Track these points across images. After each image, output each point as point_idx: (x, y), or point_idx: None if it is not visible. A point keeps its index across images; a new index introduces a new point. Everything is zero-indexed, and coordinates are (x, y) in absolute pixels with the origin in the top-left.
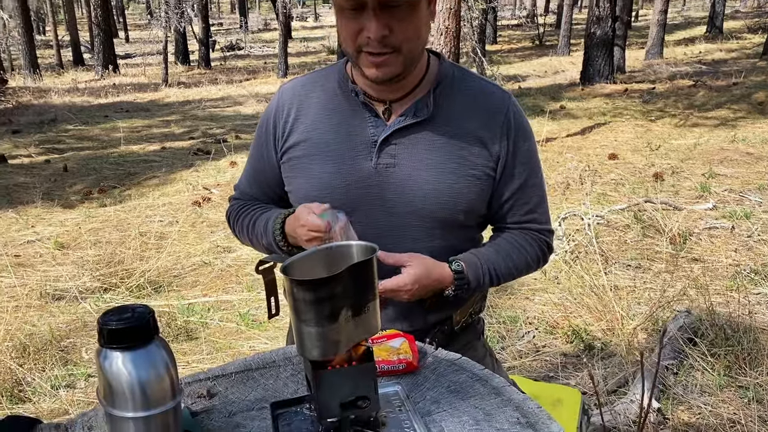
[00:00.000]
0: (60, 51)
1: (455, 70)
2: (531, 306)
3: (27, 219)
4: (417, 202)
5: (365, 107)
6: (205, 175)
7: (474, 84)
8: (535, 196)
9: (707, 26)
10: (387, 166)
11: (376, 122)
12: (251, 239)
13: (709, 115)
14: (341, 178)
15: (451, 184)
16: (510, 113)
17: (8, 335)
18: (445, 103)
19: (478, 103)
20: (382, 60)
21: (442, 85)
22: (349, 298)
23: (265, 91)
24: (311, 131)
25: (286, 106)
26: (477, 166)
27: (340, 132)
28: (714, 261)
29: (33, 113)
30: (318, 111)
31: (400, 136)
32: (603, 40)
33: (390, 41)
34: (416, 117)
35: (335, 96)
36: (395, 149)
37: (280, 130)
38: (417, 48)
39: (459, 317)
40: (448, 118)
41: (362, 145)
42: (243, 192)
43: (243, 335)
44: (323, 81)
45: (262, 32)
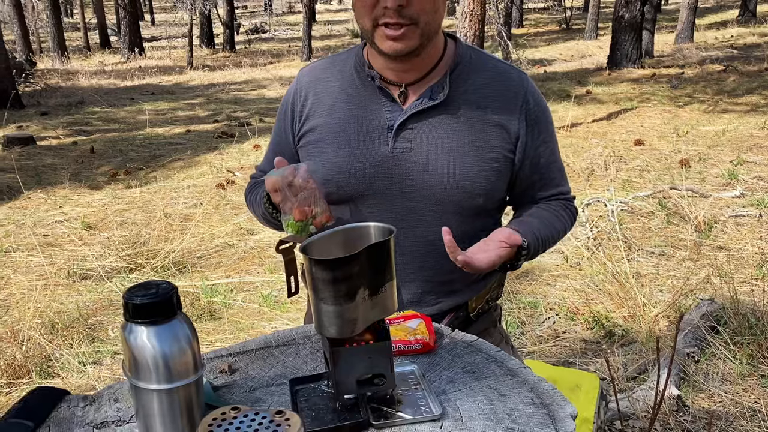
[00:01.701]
0: (87, 34)
1: (471, 53)
2: (552, 292)
3: (55, 199)
4: (434, 187)
5: (381, 92)
6: (229, 158)
7: (490, 65)
8: (557, 170)
9: (740, 10)
10: (403, 150)
11: (392, 107)
12: (256, 210)
13: (740, 101)
14: (356, 163)
15: (468, 168)
16: (528, 94)
17: (38, 312)
18: (462, 85)
19: (495, 85)
20: (399, 33)
21: (459, 67)
22: (366, 278)
23: (288, 74)
24: (327, 116)
25: (304, 90)
26: (495, 148)
27: (356, 117)
28: (740, 249)
29: (61, 95)
30: (335, 95)
31: (417, 120)
32: (631, 24)
33: (407, 12)
34: (432, 100)
35: (352, 80)
36: (411, 134)
37: (298, 113)
38: (434, 22)
39: (474, 304)
40: (465, 100)
41: (378, 130)
42: (262, 172)
43: (265, 316)
44: (341, 65)
45: (287, 15)
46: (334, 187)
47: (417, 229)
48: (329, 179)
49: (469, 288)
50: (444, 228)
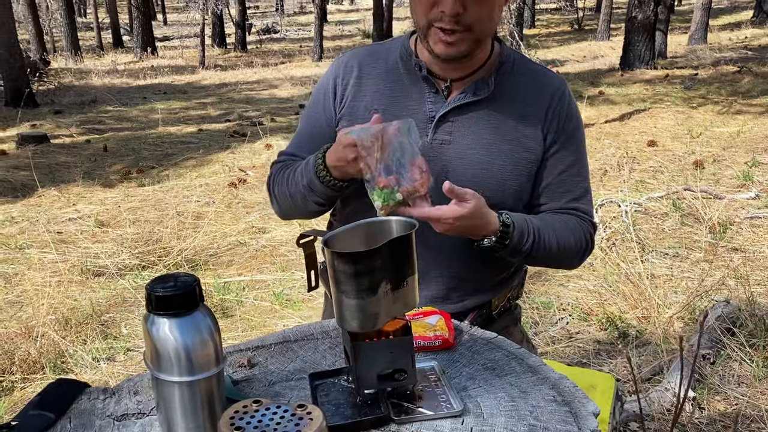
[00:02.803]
0: (100, 33)
1: (515, 55)
2: (565, 292)
3: (69, 197)
4: (468, 181)
5: (426, 82)
6: (240, 157)
7: (532, 68)
8: (579, 187)
9: (754, 11)
10: (442, 142)
11: (435, 98)
12: (289, 189)
13: (754, 102)
14: None
15: (502, 166)
16: (564, 99)
17: (52, 309)
18: (506, 85)
19: (535, 87)
20: (453, 39)
21: (503, 67)
22: (388, 271)
23: (300, 74)
24: (369, 101)
25: (347, 70)
26: (529, 149)
27: (399, 104)
28: (755, 251)
29: (74, 94)
30: (378, 81)
31: (458, 113)
32: (644, 25)
33: (463, 19)
34: (476, 95)
35: (396, 68)
36: (452, 126)
37: (340, 92)
38: (488, 29)
39: (497, 302)
40: (507, 99)
41: (420, 120)
42: (290, 155)
43: (277, 314)
44: (385, 53)
45: (298, 15)
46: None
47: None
48: None
49: (494, 286)
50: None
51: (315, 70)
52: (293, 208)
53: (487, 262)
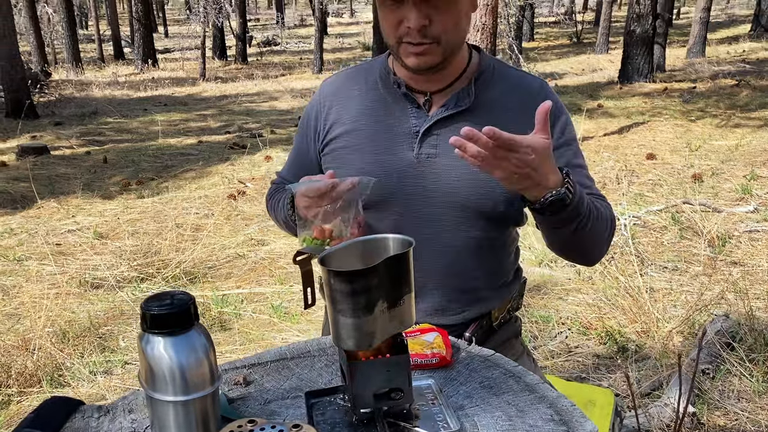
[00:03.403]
0: (101, 45)
1: (494, 63)
2: (564, 306)
3: (68, 209)
4: (457, 192)
5: (406, 98)
6: (240, 169)
7: (512, 74)
8: (584, 177)
9: (752, 24)
10: (428, 156)
11: (417, 113)
12: (277, 217)
13: (753, 115)
14: (382, 168)
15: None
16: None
17: (49, 321)
18: (486, 93)
19: (517, 93)
20: (422, 50)
21: (483, 76)
22: (384, 290)
23: (300, 86)
24: (353, 123)
25: (329, 98)
26: None
27: (382, 123)
28: (754, 265)
29: (75, 106)
30: (360, 103)
31: (442, 126)
32: (643, 38)
33: (429, 32)
34: (458, 107)
35: (377, 88)
36: (437, 139)
37: (322, 122)
38: (456, 39)
39: (497, 313)
40: (489, 108)
41: (404, 136)
42: (284, 179)
43: (275, 327)
44: (365, 74)
45: (298, 28)
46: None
47: (442, 235)
48: None
49: (492, 296)
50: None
51: (315, 82)
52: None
53: (485, 270)
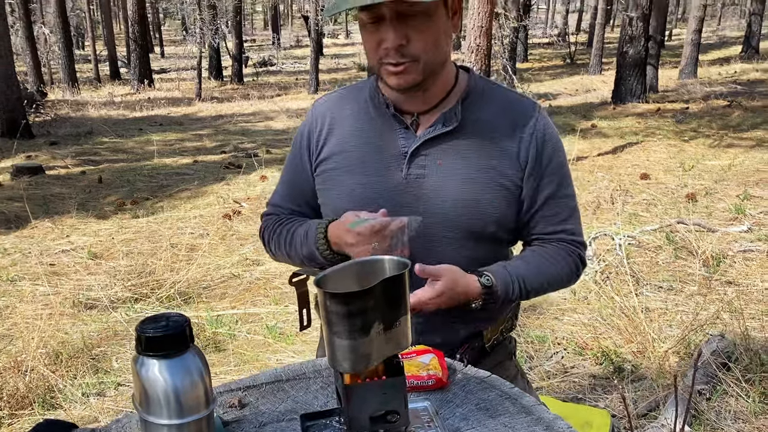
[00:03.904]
0: (98, 65)
1: (484, 83)
2: (560, 326)
3: (62, 228)
4: (447, 212)
5: (395, 119)
6: (235, 188)
7: (502, 95)
8: (566, 207)
9: (743, 46)
10: (417, 176)
11: (406, 134)
12: (288, 252)
13: (745, 135)
14: (372, 189)
15: (482, 194)
16: (539, 122)
17: (42, 342)
18: (474, 113)
19: (507, 113)
20: (401, 69)
21: (471, 96)
22: (381, 312)
23: (295, 106)
24: (343, 144)
25: (320, 120)
26: (506, 175)
27: (372, 144)
28: (749, 284)
29: (70, 125)
30: (350, 124)
31: (430, 146)
32: (635, 60)
33: (408, 51)
34: (445, 127)
35: (367, 109)
36: (425, 160)
37: (314, 143)
38: (436, 57)
39: (490, 334)
40: (477, 128)
41: (393, 157)
42: (277, 207)
43: (270, 348)
44: (356, 95)
45: (294, 49)
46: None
47: (431, 255)
48: (346, 208)
49: (485, 316)
50: (416, 266)
51: (311, 102)
52: (291, 264)
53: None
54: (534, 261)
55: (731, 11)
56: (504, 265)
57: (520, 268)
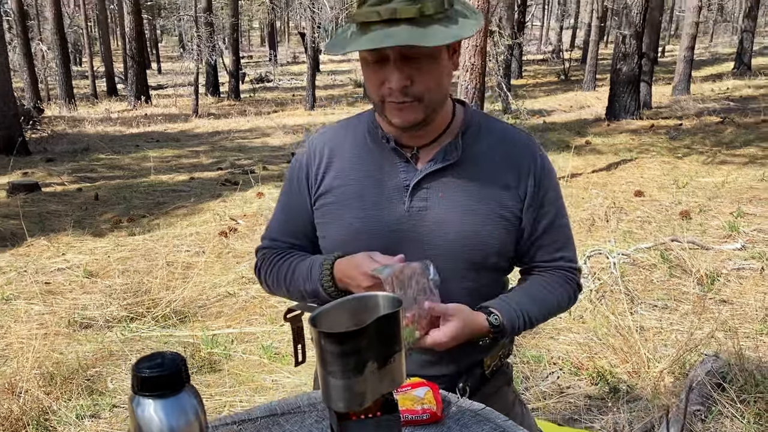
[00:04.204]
0: (95, 81)
1: (480, 117)
2: (555, 346)
3: (58, 246)
4: (449, 244)
5: (395, 153)
6: (232, 205)
7: (499, 128)
8: (562, 235)
9: (735, 62)
10: (420, 209)
11: (406, 167)
12: (288, 287)
13: (738, 152)
14: (374, 222)
15: (482, 226)
16: (536, 155)
17: (37, 363)
18: (474, 147)
19: (504, 146)
20: (404, 108)
21: (469, 130)
22: (375, 350)
23: (292, 122)
24: (343, 177)
25: (318, 153)
26: (506, 207)
27: (372, 177)
28: (743, 303)
29: (67, 142)
30: (349, 157)
31: (432, 179)
32: (629, 77)
33: (411, 91)
34: (446, 161)
35: (365, 143)
36: (427, 193)
37: (313, 177)
38: (438, 97)
39: (489, 361)
40: (477, 161)
41: (394, 190)
42: (274, 240)
43: (265, 368)
44: (353, 128)
45: (291, 65)
46: (352, 249)
47: None
48: (346, 242)
49: (485, 346)
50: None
51: (307, 118)
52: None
53: None
54: (535, 292)
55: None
56: (508, 300)
57: (523, 301)
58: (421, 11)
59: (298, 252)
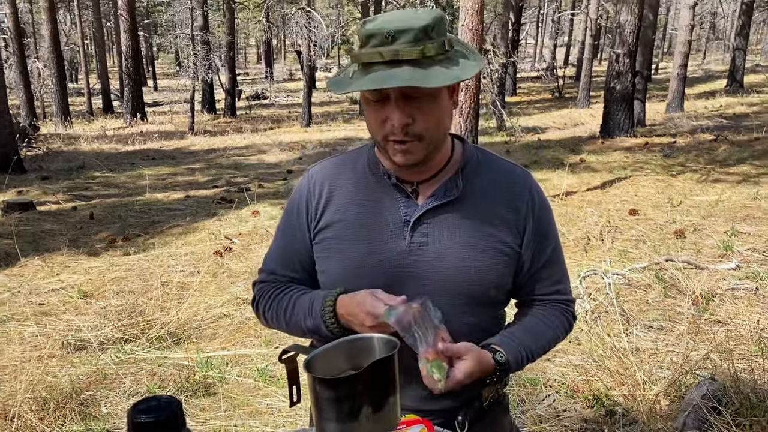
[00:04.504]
0: (91, 99)
1: (479, 153)
2: (551, 368)
3: (52, 266)
4: (449, 279)
5: (396, 188)
6: (227, 224)
7: (496, 164)
8: (559, 269)
9: (728, 80)
10: (420, 245)
11: (407, 203)
12: (288, 322)
13: (731, 170)
14: (374, 258)
15: (483, 261)
16: (533, 191)
17: (30, 387)
18: (473, 182)
19: (503, 182)
20: (405, 147)
21: (468, 166)
22: (370, 395)
23: (288, 139)
24: (343, 212)
25: (318, 187)
26: (505, 242)
27: (372, 213)
28: (737, 324)
29: (62, 160)
30: (349, 192)
31: (432, 215)
32: (623, 95)
33: (412, 130)
34: (446, 197)
35: (365, 177)
36: (428, 228)
37: (313, 210)
38: (438, 135)
39: (487, 393)
40: (477, 197)
41: (395, 225)
42: (273, 274)
43: (260, 392)
44: (352, 163)
45: (287, 82)
46: (353, 284)
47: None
48: (347, 276)
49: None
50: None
51: (304, 135)
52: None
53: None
54: (535, 328)
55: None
56: (510, 336)
57: (525, 339)
58: (423, 53)
59: (297, 286)
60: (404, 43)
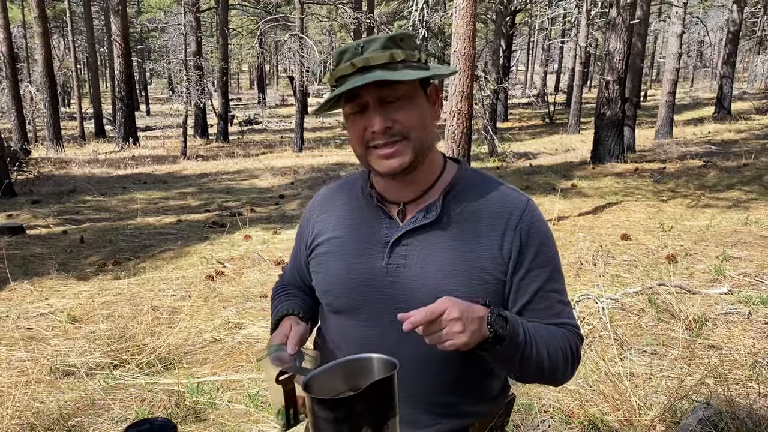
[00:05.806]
0: (83, 123)
1: (475, 175)
2: (546, 393)
3: (41, 291)
4: (423, 303)
5: (380, 209)
6: (219, 248)
7: (493, 188)
8: (556, 301)
9: (715, 107)
10: (397, 266)
11: (390, 223)
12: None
13: (721, 196)
14: (352, 275)
15: (458, 287)
16: (525, 217)
17: (17, 413)
18: (459, 205)
19: (493, 206)
20: (392, 151)
21: (455, 189)
22: (369, 416)
23: (280, 164)
24: (333, 231)
25: (317, 207)
26: (486, 269)
27: (358, 232)
28: (731, 349)
29: (53, 184)
30: (341, 213)
31: (411, 236)
32: (613, 121)
33: (396, 130)
34: (426, 218)
35: (358, 199)
36: (406, 250)
37: (309, 230)
38: (425, 138)
39: (479, 428)
40: (460, 220)
41: (376, 246)
42: (285, 276)
43: (251, 418)
44: (350, 186)
45: (279, 107)
46: (333, 297)
47: (405, 344)
48: (329, 291)
49: (471, 411)
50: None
51: (296, 160)
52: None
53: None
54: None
55: (703, 73)
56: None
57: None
58: (392, 57)
59: (292, 291)
60: (373, 51)
